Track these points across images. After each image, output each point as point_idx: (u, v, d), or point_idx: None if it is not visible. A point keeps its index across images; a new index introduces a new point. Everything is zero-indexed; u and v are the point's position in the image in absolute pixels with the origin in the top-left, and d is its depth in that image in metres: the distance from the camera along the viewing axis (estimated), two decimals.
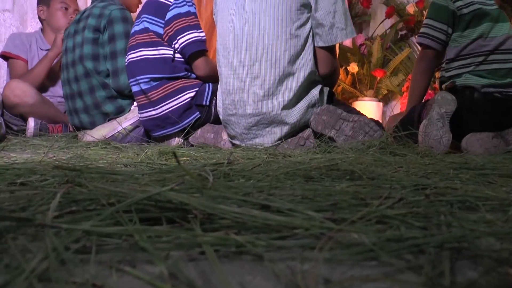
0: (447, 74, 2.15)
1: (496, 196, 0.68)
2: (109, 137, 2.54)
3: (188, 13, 2.37)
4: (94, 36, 2.67)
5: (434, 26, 2.15)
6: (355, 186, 0.80)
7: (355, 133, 1.85)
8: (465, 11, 2.09)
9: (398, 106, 3.89)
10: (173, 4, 2.39)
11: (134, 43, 2.44)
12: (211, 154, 1.78)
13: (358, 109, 3.82)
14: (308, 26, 1.97)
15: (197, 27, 2.38)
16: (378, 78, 3.79)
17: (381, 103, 3.86)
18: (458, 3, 2.11)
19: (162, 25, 2.39)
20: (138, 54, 2.42)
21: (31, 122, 2.88)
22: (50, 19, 3.29)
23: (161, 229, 0.51)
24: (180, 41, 2.34)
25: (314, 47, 2.00)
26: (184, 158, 1.47)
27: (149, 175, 0.77)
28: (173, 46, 2.37)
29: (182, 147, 2.14)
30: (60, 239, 0.47)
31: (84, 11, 2.83)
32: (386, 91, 3.88)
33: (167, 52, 2.38)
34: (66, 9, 3.29)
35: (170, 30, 2.36)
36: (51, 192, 0.62)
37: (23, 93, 2.91)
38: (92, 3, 2.87)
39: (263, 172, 0.89)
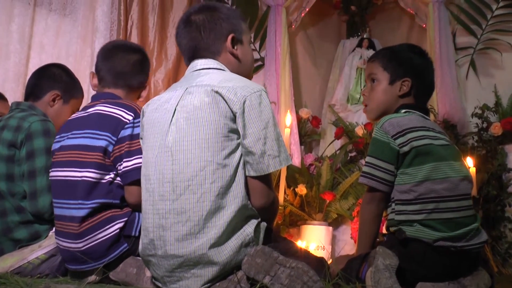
0: (397, 218, 1.88)
1: None
2: (15, 269, 2.14)
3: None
4: (9, 152, 2.30)
5: (378, 165, 1.90)
6: None
7: (291, 282, 1.58)
8: (405, 149, 1.87)
9: (348, 231, 3.68)
10: (130, 122, 2.07)
11: (65, 159, 2.10)
12: None
13: (306, 233, 3.65)
14: (238, 153, 1.74)
15: None
16: (327, 201, 3.61)
17: (330, 228, 3.64)
18: (399, 140, 1.88)
19: (112, 141, 2.05)
20: (67, 173, 2.09)
21: None
22: None
23: None
24: (125, 164, 2.03)
25: (246, 177, 1.77)
26: None
27: None
28: (116, 167, 2.05)
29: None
30: None
31: None
32: (335, 215, 3.69)
33: (106, 176, 2.06)
34: None
35: (119, 150, 2.05)
36: None
37: None
38: (10, 111, 2.48)
39: None
